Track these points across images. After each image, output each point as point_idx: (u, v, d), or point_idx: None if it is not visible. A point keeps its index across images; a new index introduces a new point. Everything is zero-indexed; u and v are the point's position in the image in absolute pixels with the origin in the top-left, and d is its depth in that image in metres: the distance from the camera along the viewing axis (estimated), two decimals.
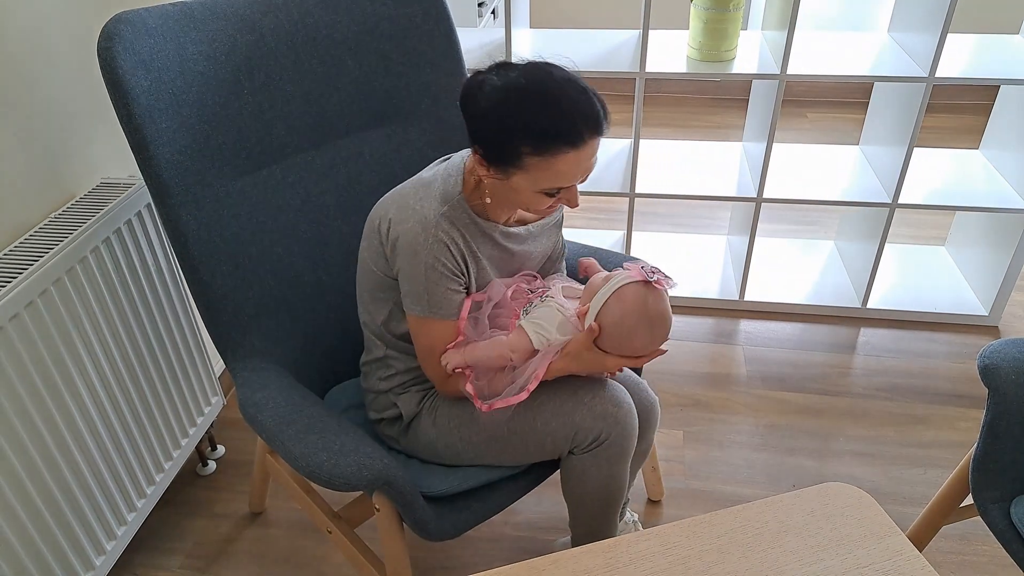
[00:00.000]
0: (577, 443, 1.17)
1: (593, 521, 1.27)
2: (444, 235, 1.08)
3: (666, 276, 1.10)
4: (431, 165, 1.19)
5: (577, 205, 1.06)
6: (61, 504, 1.25)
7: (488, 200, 1.10)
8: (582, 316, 1.12)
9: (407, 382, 1.24)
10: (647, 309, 1.08)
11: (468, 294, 1.16)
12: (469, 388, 1.13)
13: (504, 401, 1.12)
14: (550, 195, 1.04)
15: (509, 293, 1.17)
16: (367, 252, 1.18)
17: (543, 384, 1.14)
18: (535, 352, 1.13)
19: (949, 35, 1.80)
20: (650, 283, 1.08)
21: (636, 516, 1.52)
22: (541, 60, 1.02)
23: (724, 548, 0.91)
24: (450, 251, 1.09)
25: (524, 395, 1.11)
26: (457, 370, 1.14)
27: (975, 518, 1.28)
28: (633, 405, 1.20)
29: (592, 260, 1.27)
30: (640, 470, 1.50)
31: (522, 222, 1.21)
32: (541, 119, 0.97)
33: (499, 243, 1.16)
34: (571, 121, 0.97)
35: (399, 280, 1.13)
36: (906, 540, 0.92)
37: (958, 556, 1.53)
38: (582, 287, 1.19)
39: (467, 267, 1.12)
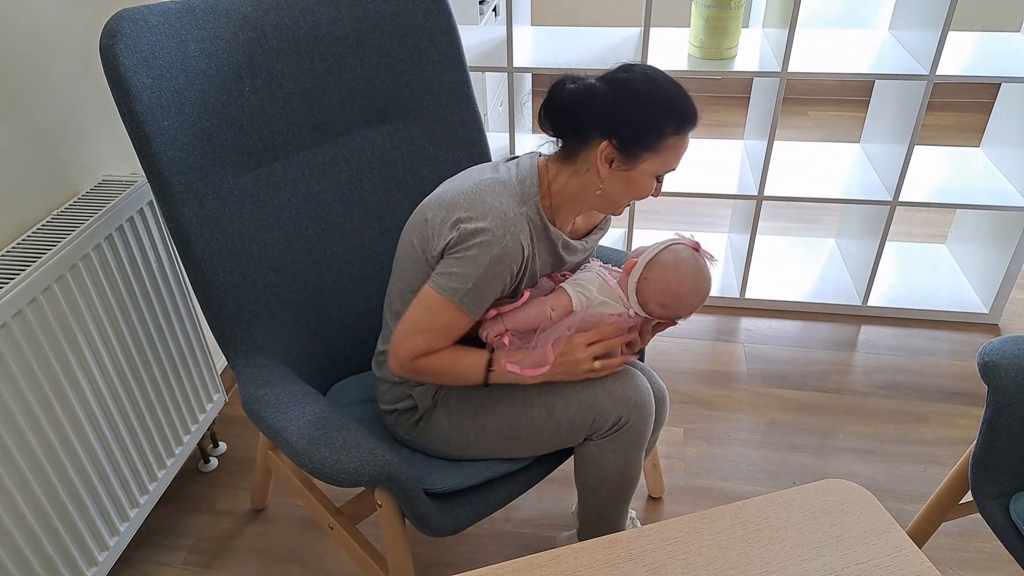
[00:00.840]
0: (596, 428, 1.18)
1: (606, 510, 1.27)
2: (522, 235, 1.09)
3: (709, 254, 1.19)
4: (493, 164, 1.18)
5: (658, 194, 1.15)
6: (64, 500, 1.25)
7: (564, 196, 1.13)
8: (629, 270, 1.17)
9: None
10: (697, 263, 1.18)
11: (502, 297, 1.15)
12: (505, 344, 1.15)
13: (532, 371, 1.13)
14: (659, 180, 1.13)
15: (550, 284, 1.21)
16: (416, 247, 1.14)
17: (562, 385, 1.17)
18: (572, 311, 1.15)
19: (950, 33, 1.80)
20: (698, 249, 1.18)
21: (635, 513, 1.53)
22: (633, 63, 1.11)
23: (724, 544, 0.92)
24: (522, 252, 1.09)
25: (547, 365, 1.14)
26: (497, 337, 1.15)
27: (975, 515, 1.29)
28: (651, 389, 1.22)
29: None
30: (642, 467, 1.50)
31: (575, 233, 1.23)
32: (681, 103, 1.06)
33: (558, 252, 1.18)
34: (691, 106, 1.08)
35: (445, 261, 1.10)
36: (905, 536, 0.92)
37: (958, 552, 1.54)
38: (619, 270, 1.22)
39: (523, 272, 1.13)
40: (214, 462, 1.77)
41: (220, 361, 1.88)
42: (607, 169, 1.09)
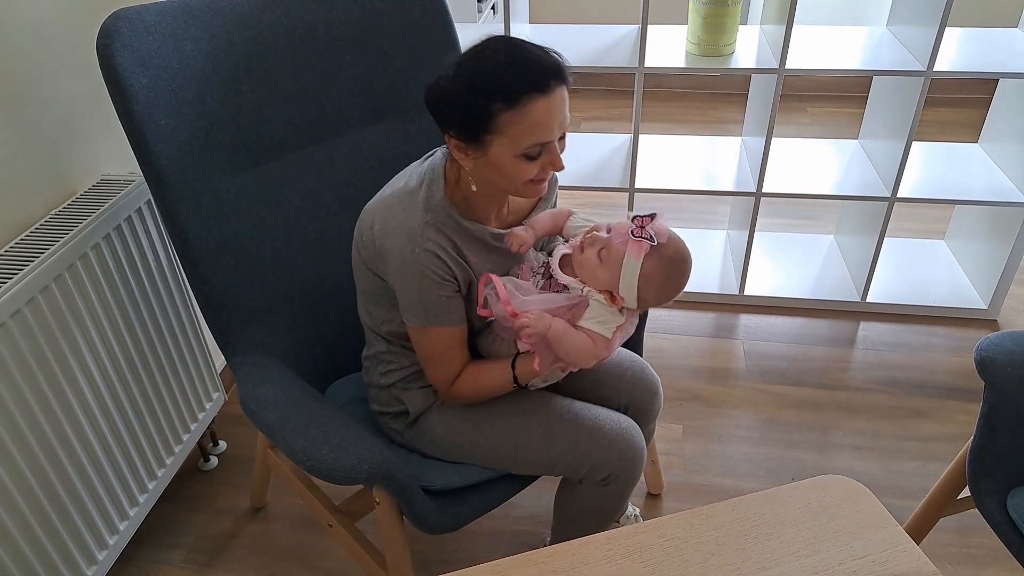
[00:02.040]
0: (588, 477, 1.18)
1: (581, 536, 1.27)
2: (432, 244, 1.06)
3: (651, 216, 1.08)
4: (413, 165, 1.16)
5: (562, 167, 1.05)
6: (63, 499, 1.26)
7: (474, 188, 1.08)
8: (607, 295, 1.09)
9: (408, 377, 1.25)
10: (673, 266, 1.10)
11: (461, 296, 1.13)
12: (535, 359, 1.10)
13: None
14: (532, 158, 1.02)
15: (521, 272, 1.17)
16: (359, 258, 1.16)
17: (561, 414, 1.17)
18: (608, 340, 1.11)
19: (947, 29, 1.80)
20: (655, 245, 1.07)
21: (637, 510, 1.53)
22: (485, 37, 1.03)
23: (721, 540, 0.92)
24: (440, 258, 1.07)
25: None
26: (524, 344, 1.10)
27: (972, 510, 1.29)
28: (644, 441, 1.22)
29: (561, 215, 1.20)
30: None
31: (506, 221, 1.19)
32: (506, 73, 0.97)
33: (490, 245, 1.14)
34: (533, 68, 0.97)
35: (396, 291, 1.12)
36: (903, 532, 0.93)
37: (956, 548, 1.54)
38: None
39: (456, 272, 1.10)
40: (214, 460, 1.78)
41: (219, 360, 1.89)
42: (467, 159, 1.04)
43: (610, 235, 1.09)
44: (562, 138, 1.05)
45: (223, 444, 1.82)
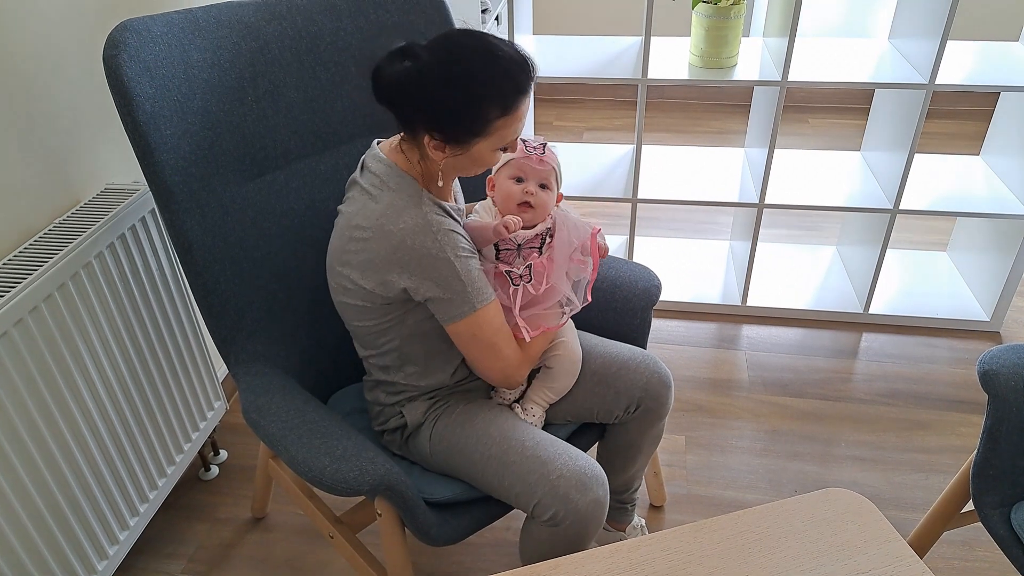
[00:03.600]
0: (536, 514, 1.12)
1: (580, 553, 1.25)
2: (440, 223, 1.06)
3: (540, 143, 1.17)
4: (352, 198, 1.13)
5: (518, 148, 1.12)
6: (64, 508, 1.25)
7: (440, 184, 1.11)
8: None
9: (414, 396, 1.25)
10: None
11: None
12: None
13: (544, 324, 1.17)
14: (504, 149, 1.08)
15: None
16: (353, 300, 1.14)
17: (522, 443, 1.14)
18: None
19: (949, 42, 1.81)
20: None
21: (643, 522, 1.52)
22: (450, 30, 1.04)
23: (725, 553, 0.92)
24: (458, 233, 1.09)
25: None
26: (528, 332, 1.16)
27: (976, 524, 1.29)
28: (605, 497, 1.11)
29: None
30: (643, 476, 1.49)
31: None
32: (500, 79, 0.99)
33: (457, 220, 1.16)
34: (518, 71, 1.00)
35: (430, 303, 1.09)
36: (906, 546, 0.92)
37: (959, 562, 1.53)
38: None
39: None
40: (215, 470, 1.77)
41: (221, 369, 1.88)
42: (443, 156, 1.06)
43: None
44: None
45: (224, 453, 1.82)
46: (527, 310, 1.17)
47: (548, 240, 1.19)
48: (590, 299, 1.22)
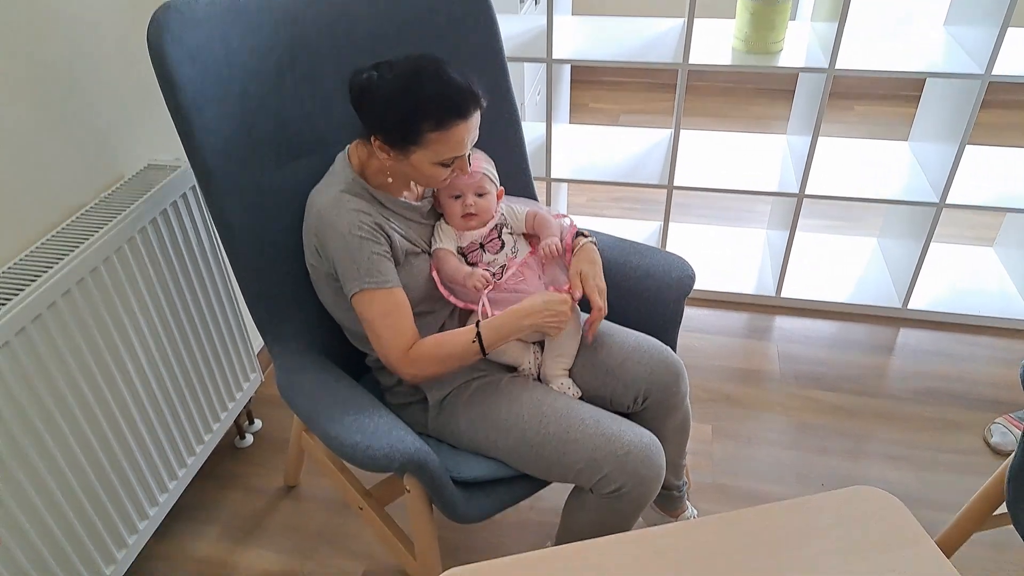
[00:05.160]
0: (597, 487, 1.16)
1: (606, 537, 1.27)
2: (350, 203, 1.17)
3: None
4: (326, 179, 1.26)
5: (468, 172, 1.21)
6: (108, 471, 1.30)
7: (390, 180, 1.22)
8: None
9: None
10: None
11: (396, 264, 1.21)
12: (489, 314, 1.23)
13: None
14: (446, 166, 1.17)
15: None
16: (316, 270, 1.24)
17: (582, 420, 1.17)
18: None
19: (1009, 29, 1.73)
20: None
21: (696, 512, 1.52)
22: (418, 54, 1.16)
23: (751, 546, 0.92)
24: (363, 213, 1.17)
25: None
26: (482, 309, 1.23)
27: (1008, 527, 1.26)
28: (664, 468, 1.18)
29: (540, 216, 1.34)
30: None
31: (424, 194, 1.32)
32: (438, 98, 1.11)
33: (405, 216, 1.25)
34: (459, 98, 1.12)
35: (337, 271, 1.18)
36: (935, 547, 0.91)
37: (989, 564, 1.51)
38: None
39: (386, 230, 1.19)
40: (249, 439, 1.82)
41: (257, 341, 1.93)
42: (388, 158, 1.17)
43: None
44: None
45: (259, 423, 1.86)
46: (499, 305, 1.23)
47: (506, 232, 1.31)
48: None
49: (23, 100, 1.20)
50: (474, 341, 1.17)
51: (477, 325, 1.19)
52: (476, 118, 1.15)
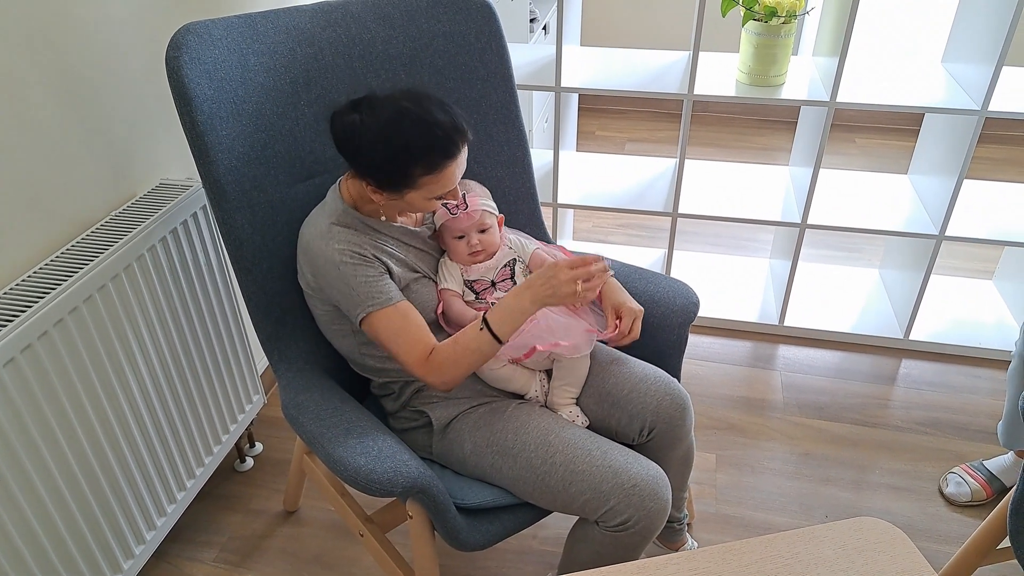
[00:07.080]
0: (603, 520, 1.15)
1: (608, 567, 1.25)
2: (340, 234, 1.18)
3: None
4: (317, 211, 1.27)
5: (458, 199, 1.23)
6: (106, 492, 1.30)
7: (383, 218, 1.24)
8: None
9: (417, 391, 1.28)
10: None
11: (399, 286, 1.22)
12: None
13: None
14: (438, 198, 1.19)
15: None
16: (316, 300, 1.25)
17: (589, 452, 1.16)
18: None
19: (1004, 67, 1.77)
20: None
21: (696, 544, 1.51)
22: (400, 91, 1.15)
23: None
24: (352, 242, 1.17)
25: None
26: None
27: (1012, 561, 1.26)
28: (669, 502, 1.17)
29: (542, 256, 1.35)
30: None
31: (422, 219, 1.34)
32: (425, 144, 1.11)
33: (403, 242, 1.26)
34: (447, 139, 1.12)
35: (337, 302, 1.20)
36: None
37: None
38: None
39: (379, 256, 1.19)
40: (250, 462, 1.81)
41: (261, 362, 1.93)
42: (381, 198, 1.18)
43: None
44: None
45: (260, 446, 1.86)
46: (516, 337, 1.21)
47: (519, 267, 1.31)
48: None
49: (42, 116, 1.22)
50: (482, 329, 1.15)
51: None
52: (464, 152, 1.16)
